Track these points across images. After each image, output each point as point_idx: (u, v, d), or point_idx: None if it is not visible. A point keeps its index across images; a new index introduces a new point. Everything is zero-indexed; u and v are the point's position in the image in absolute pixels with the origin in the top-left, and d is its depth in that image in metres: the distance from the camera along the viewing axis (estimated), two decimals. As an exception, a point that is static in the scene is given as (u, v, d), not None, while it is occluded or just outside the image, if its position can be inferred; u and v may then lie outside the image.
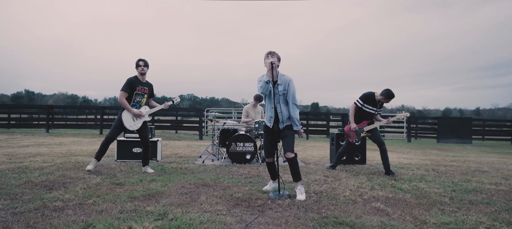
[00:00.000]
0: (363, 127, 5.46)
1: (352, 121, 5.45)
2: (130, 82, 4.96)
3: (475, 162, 7.55)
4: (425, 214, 3.26)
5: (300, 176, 3.82)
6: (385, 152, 5.37)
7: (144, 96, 5.13)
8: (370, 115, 5.44)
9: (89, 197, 3.44)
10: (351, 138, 5.53)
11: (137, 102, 5.06)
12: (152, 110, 5.21)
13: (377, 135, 5.45)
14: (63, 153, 6.96)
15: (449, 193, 4.17)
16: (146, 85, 5.15)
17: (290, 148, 3.77)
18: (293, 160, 3.79)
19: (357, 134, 5.47)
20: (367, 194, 3.98)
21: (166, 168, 5.45)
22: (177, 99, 5.46)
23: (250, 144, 6.18)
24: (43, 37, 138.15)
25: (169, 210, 3.09)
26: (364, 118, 5.45)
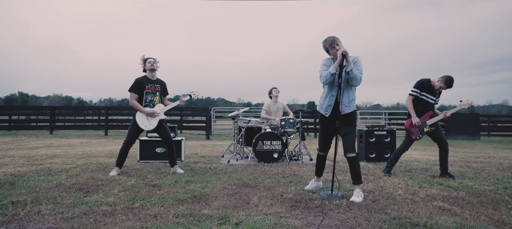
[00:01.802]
0: (426, 121, 4.82)
1: (414, 115, 4.80)
2: (137, 82, 4.69)
3: (502, 158, 7.40)
4: (496, 213, 3.06)
5: (361, 179, 3.54)
6: (447, 153, 4.87)
7: (157, 94, 4.82)
8: (431, 105, 4.81)
9: (133, 201, 3.18)
10: (414, 134, 4.85)
11: (149, 102, 4.77)
12: (167, 107, 4.91)
13: (440, 133, 4.85)
14: (80, 154, 6.66)
15: (503, 191, 3.98)
16: (157, 83, 4.84)
17: (351, 147, 3.51)
18: (354, 160, 3.51)
19: (420, 129, 4.83)
20: (421, 193, 3.77)
21: (194, 168, 5.20)
22: (196, 94, 5.14)
23: (278, 142, 5.95)
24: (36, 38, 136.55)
25: (228, 213, 2.85)
26: (424, 109, 4.82)
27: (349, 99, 3.53)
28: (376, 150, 6.24)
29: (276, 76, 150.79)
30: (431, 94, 4.81)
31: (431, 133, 4.84)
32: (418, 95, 4.83)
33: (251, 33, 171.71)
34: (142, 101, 4.73)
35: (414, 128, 4.83)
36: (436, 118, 4.86)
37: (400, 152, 5.00)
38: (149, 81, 4.76)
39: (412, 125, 4.84)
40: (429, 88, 4.80)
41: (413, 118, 4.81)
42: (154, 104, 4.81)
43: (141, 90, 4.71)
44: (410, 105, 4.86)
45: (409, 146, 4.99)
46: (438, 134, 4.85)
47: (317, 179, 3.93)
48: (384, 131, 6.31)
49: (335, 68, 3.39)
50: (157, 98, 4.85)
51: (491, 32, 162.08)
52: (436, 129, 4.84)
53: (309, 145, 10.38)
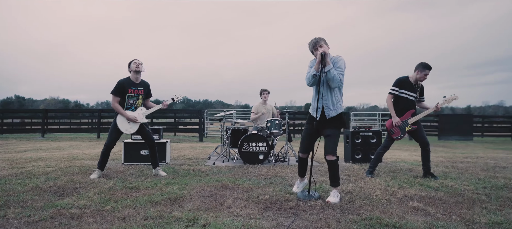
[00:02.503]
0: (408, 119, 4.77)
1: (394, 115, 4.74)
2: (119, 85, 4.63)
3: (488, 158, 7.42)
4: (469, 213, 3.05)
5: (339, 182, 3.51)
6: (428, 153, 4.81)
7: (139, 97, 4.77)
8: (412, 102, 4.76)
9: (105, 203, 3.16)
10: (395, 134, 4.80)
11: (131, 105, 4.73)
12: (149, 111, 4.88)
13: (422, 133, 4.80)
14: (65, 157, 6.63)
15: (482, 191, 3.97)
16: (141, 86, 4.79)
17: (332, 150, 3.45)
18: (334, 163, 3.47)
19: (401, 129, 4.76)
20: (399, 193, 3.76)
21: (178, 170, 5.17)
22: (179, 97, 5.11)
23: (263, 143, 5.93)
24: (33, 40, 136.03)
25: (197, 215, 2.83)
26: (406, 107, 4.75)
27: (333, 101, 3.48)
28: (362, 151, 6.23)
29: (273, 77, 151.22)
30: (411, 91, 4.76)
31: (412, 132, 4.81)
32: (397, 94, 4.78)
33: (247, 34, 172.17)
34: (124, 104, 4.69)
35: (395, 127, 4.80)
36: (423, 113, 4.83)
37: (382, 152, 4.97)
38: (132, 85, 4.72)
39: (393, 125, 4.81)
40: (408, 85, 4.75)
41: (393, 117, 4.77)
42: (136, 107, 4.78)
43: (123, 94, 4.67)
44: (390, 105, 4.81)
45: (390, 145, 4.97)
46: (420, 133, 4.82)
47: (301, 179, 3.90)
48: (370, 132, 6.30)
49: (316, 69, 3.36)
50: (140, 102, 4.82)
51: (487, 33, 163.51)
52: (418, 128, 4.82)
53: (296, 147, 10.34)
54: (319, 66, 3.35)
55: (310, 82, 3.46)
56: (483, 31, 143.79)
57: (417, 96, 4.82)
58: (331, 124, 3.50)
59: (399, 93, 4.78)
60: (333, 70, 3.37)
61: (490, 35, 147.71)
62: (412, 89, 4.76)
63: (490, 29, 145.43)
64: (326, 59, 3.34)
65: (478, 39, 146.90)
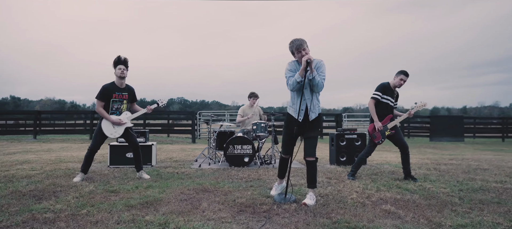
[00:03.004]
0: (387, 124, 4.85)
1: (377, 119, 4.80)
2: (104, 90, 4.65)
3: (473, 160, 7.51)
4: (438, 215, 3.13)
5: (316, 183, 3.58)
6: (408, 156, 4.88)
7: (124, 102, 4.81)
8: (391, 108, 4.87)
9: (82, 207, 3.20)
10: (377, 139, 4.86)
11: (116, 110, 4.76)
12: (134, 115, 4.92)
13: (400, 136, 4.89)
14: (52, 160, 6.65)
15: (457, 193, 4.05)
16: (125, 90, 4.81)
17: (312, 151, 3.53)
18: (313, 164, 3.54)
19: (382, 133, 4.83)
20: (375, 196, 3.83)
21: (162, 173, 5.22)
22: (163, 102, 5.17)
23: (248, 146, 5.99)
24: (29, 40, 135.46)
25: (169, 219, 2.89)
26: (385, 112, 4.86)
27: (313, 104, 3.55)
28: (347, 153, 6.30)
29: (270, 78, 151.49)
30: (392, 97, 4.87)
31: (391, 136, 4.89)
32: (379, 98, 4.86)
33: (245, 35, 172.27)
34: (108, 109, 4.73)
35: (377, 132, 4.88)
36: (399, 118, 4.93)
37: (364, 157, 5.05)
38: (116, 90, 4.75)
39: (375, 129, 4.88)
40: (389, 91, 4.85)
41: (376, 122, 4.84)
42: (120, 112, 4.82)
43: (108, 98, 4.71)
44: (373, 109, 4.87)
45: (373, 151, 5.05)
46: (398, 137, 4.90)
47: (280, 181, 3.94)
48: (355, 135, 6.37)
49: (301, 75, 3.40)
50: (124, 106, 4.85)
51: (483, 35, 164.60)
52: (396, 132, 4.90)
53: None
54: (303, 72, 3.37)
55: (294, 88, 3.48)
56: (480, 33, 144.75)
57: (394, 102, 4.94)
58: (312, 126, 3.58)
59: (381, 99, 4.86)
60: (317, 76, 3.43)
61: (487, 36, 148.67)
62: (392, 95, 4.88)
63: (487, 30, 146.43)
64: (312, 67, 3.38)
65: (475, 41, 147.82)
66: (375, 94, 4.88)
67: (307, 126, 3.57)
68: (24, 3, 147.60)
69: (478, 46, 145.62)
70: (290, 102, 3.68)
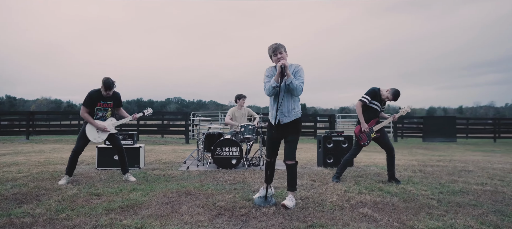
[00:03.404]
0: (373, 127, 4.94)
1: (363, 122, 4.89)
2: (90, 98, 4.71)
3: (460, 161, 7.59)
4: (413, 218, 3.19)
5: (296, 186, 3.66)
6: (393, 158, 4.97)
7: (108, 110, 4.87)
8: (377, 112, 4.96)
9: (62, 211, 3.24)
10: (362, 141, 4.94)
11: (100, 117, 4.83)
12: (119, 122, 4.98)
13: (386, 139, 4.99)
14: (41, 162, 6.67)
15: (437, 195, 4.11)
16: (110, 99, 4.86)
17: (292, 155, 3.60)
18: (293, 167, 3.61)
19: (368, 135, 4.92)
20: (355, 199, 3.88)
21: (148, 176, 5.25)
22: (149, 111, 5.28)
23: (236, 148, 6.03)
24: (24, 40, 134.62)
25: (147, 223, 2.93)
26: (371, 116, 4.96)
27: (288, 109, 3.58)
28: (334, 155, 6.36)
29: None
30: (379, 103, 4.96)
31: (377, 138, 4.96)
32: (367, 103, 4.92)
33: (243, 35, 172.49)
34: (93, 115, 4.78)
35: (362, 134, 4.94)
36: (384, 122, 4.99)
37: (349, 159, 5.11)
38: (102, 98, 4.78)
39: (361, 131, 4.94)
40: (378, 97, 4.93)
41: (362, 124, 4.90)
42: (105, 119, 4.87)
43: (93, 106, 4.76)
44: (360, 112, 4.94)
45: (358, 152, 5.12)
46: (384, 140, 4.97)
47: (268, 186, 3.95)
48: (342, 137, 6.43)
49: (276, 80, 3.45)
50: (109, 114, 4.91)
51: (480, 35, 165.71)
52: (382, 135, 4.97)
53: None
54: (278, 78, 3.43)
55: (270, 93, 3.56)
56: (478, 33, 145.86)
57: (382, 108, 5.06)
58: (291, 130, 3.63)
59: (369, 103, 4.93)
60: (295, 80, 3.47)
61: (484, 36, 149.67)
62: (381, 101, 4.98)
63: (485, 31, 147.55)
64: (287, 72, 3.42)
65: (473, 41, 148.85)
66: (363, 98, 4.94)
67: (286, 129, 3.62)
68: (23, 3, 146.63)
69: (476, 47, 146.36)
70: (269, 108, 3.73)
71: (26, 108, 67.44)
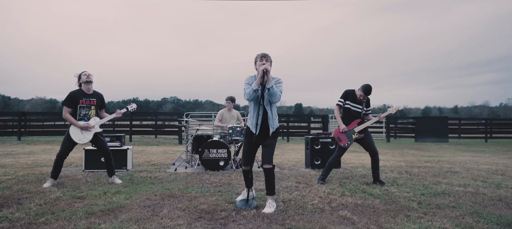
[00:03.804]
0: (354, 128, 5.00)
1: (340, 122, 4.98)
2: (70, 96, 4.70)
3: (448, 162, 7.66)
4: (391, 221, 3.23)
5: (274, 190, 3.66)
6: (377, 161, 5.01)
7: (92, 108, 4.84)
8: (358, 113, 5.00)
9: (41, 215, 3.24)
10: (342, 142, 4.99)
11: (84, 116, 4.79)
12: (103, 120, 4.94)
13: (370, 141, 5.01)
14: (29, 164, 6.65)
15: (418, 197, 4.16)
16: (93, 96, 4.85)
17: (269, 159, 3.63)
18: (270, 172, 3.63)
19: (348, 136, 4.97)
20: (336, 201, 3.92)
21: (135, 178, 5.26)
22: (133, 106, 5.24)
23: (224, 150, 6.05)
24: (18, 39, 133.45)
25: (125, 226, 2.94)
26: (353, 117, 5.01)
27: (273, 115, 3.66)
28: (321, 157, 6.39)
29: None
30: (356, 103, 5.00)
31: (360, 140, 5.00)
32: (342, 105, 5.05)
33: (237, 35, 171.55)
34: (76, 115, 4.75)
35: (342, 135, 4.98)
36: (369, 122, 5.04)
37: (333, 161, 5.13)
38: (84, 95, 4.77)
39: (340, 132, 5.01)
40: (352, 97, 5.00)
41: (340, 125, 5.00)
42: (89, 118, 4.84)
43: (75, 104, 4.74)
44: (336, 114, 5.10)
45: (341, 154, 5.16)
46: (368, 141, 5.01)
47: (248, 190, 3.97)
48: (329, 138, 6.47)
49: (257, 84, 3.49)
50: (93, 112, 4.87)
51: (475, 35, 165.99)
52: (366, 136, 5.01)
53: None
54: (260, 82, 3.47)
55: (251, 97, 3.57)
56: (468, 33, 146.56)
57: (363, 108, 5.04)
58: (270, 136, 3.67)
59: (344, 105, 5.05)
60: (274, 87, 3.52)
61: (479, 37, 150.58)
62: (357, 101, 5.01)
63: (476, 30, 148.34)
64: (268, 76, 3.47)
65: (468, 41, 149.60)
66: (338, 101, 5.10)
67: (266, 136, 3.66)
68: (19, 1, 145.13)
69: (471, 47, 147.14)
70: (249, 115, 3.77)
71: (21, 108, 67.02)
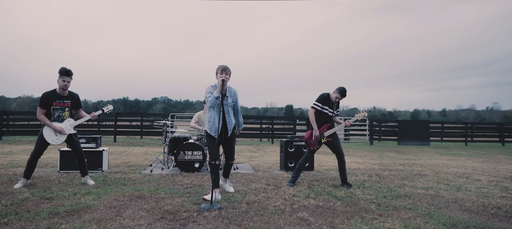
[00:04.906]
0: (324, 132, 5.11)
1: (316, 128, 5.07)
2: (44, 98, 4.74)
3: (421, 165, 7.89)
4: (346, 222, 3.38)
5: (229, 175, 4.70)
6: (344, 163, 5.16)
7: (65, 109, 4.89)
8: (329, 117, 5.15)
9: (4, 216, 3.31)
10: (312, 146, 5.14)
11: (57, 117, 4.85)
12: (78, 122, 5.00)
13: (337, 144, 5.14)
14: (4, 165, 6.65)
15: (379, 200, 4.33)
16: (68, 98, 4.90)
17: (232, 156, 4.51)
18: (231, 165, 4.60)
19: (318, 141, 5.09)
20: (299, 203, 4.06)
21: (108, 179, 5.33)
22: (109, 108, 5.31)
23: (199, 152, 6.16)
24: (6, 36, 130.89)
25: (86, 226, 3.03)
26: (323, 121, 5.14)
27: (232, 122, 4.36)
28: (295, 160, 6.54)
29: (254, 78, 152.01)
30: (330, 107, 5.15)
31: (328, 143, 5.15)
32: (319, 109, 5.12)
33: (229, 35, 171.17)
34: (50, 116, 4.81)
35: (312, 140, 5.12)
36: (336, 127, 5.19)
37: (303, 163, 5.27)
38: (57, 97, 4.82)
39: (311, 136, 5.13)
40: (328, 101, 5.12)
41: (315, 131, 5.10)
42: (63, 119, 4.90)
43: (49, 106, 4.79)
44: (312, 118, 5.14)
45: (311, 157, 5.32)
46: (335, 145, 5.16)
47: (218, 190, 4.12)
48: (303, 142, 6.62)
49: (218, 92, 4.05)
50: (67, 114, 4.92)
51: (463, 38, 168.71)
52: (334, 140, 5.17)
53: (241, 153, 10.64)
54: (220, 89, 4.02)
55: (213, 104, 4.12)
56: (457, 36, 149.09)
57: (333, 111, 5.18)
58: (232, 137, 4.41)
59: (321, 109, 5.13)
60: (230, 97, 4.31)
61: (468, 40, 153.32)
62: (331, 105, 5.15)
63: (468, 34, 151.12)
64: (225, 85, 4.07)
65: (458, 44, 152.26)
66: (314, 105, 5.15)
67: (227, 139, 4.35)
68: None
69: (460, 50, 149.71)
70: (207, 120, 4.32)
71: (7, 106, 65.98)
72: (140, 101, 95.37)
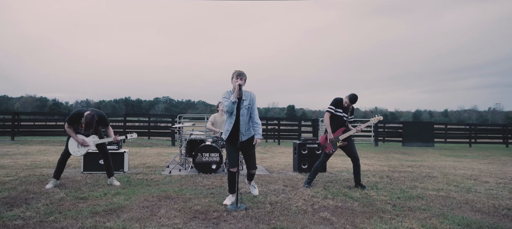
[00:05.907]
0: (339, 136, 5.31)
1: (330, 131, 5.27)
2: (72, 119, 5.02)
3: (429, 167, 8.12)
4: (366, 222, 3.61)
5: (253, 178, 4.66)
6: (359, 167, 5.35)
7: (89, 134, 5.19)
8: (343, 121, 5.32)
9: (50, 214, 3.56)
10: (327, 149, 5.32)
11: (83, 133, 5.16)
12: (100, 141, 5.23)
13: (352, 148, 5.33)
14: (28, 165, 6.91)
15: (394, 201, 4.56)
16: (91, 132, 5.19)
17: (253, 165, 4.41)
18: (253, 173, 4.56)
19: (333, 144, 5.29)
20: (319, 204, 4.30)
21: (132, 180, 5.57)
22: (133, 136, 5.52)
23: (216, 154, 6.40)
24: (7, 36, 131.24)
25: (128, 225, 3.28)
26: (338, 125, 5.32)
27: (247, 127, 4.27)
28: (308, 161, 6.78)
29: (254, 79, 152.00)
30: (344, 112, 5.36)
31: (344, 147, 5.39)
32: (333, 112, 5.35)
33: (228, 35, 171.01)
34: (76, 130, 5.15)
35: (328, 143, 5.35)
36: (349, 132, 5.41)
37: (319, 166, 5.51)
38: None
39: (326, 140, 5.36)
40: (341, 105, 5.35)
41: (329, 134, 5.33)
42: (88, 135, 5.18)
43: (76, 124, 5.12)
44: (327, 122, 5.37)
45: (326, 160, 5.55)
46: (351, 148, 5.39)
47: (232, 195, 4.30)
48: (316, 144, 6.86)
49: (235, 96, 4.08)
50: (92, 131, 5.18)
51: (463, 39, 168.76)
52: (349, 144, 5.40)
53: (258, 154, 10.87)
54: (237, 94, 4.09)
55: (230, 108, 4.18)
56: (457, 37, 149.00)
57: (348, 116, 5.41)
58: (248, 145, 4.31)
59: (335, 112, 5.35)
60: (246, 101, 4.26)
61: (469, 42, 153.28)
62: (344, 109, 5.37)
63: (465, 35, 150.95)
64: (241, 90, 4.13)
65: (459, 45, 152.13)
66: (329, 108, 5.39)
67: (244, 144, 4.27)
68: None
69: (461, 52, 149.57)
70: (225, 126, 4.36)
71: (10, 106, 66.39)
72: (142, 101, 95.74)
